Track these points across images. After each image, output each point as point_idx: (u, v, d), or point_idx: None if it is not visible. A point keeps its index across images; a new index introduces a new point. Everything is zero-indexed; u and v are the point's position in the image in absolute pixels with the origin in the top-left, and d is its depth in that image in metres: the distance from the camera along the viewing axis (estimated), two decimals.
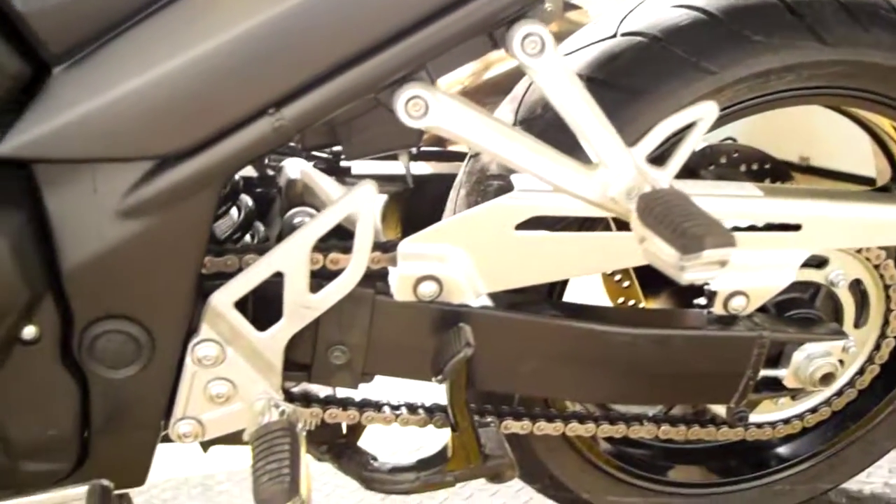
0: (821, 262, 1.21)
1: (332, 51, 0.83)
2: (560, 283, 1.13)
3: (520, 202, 0.98)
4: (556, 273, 1.04)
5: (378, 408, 1.06)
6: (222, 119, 0.83)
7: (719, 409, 1.18)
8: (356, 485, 1.06)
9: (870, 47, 1.07)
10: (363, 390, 1.05)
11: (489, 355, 1.00)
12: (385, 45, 0.83)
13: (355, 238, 0.92)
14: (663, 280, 1.16)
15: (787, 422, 1.26)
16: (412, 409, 1.07)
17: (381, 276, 1.00)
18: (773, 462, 1.35)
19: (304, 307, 0.93)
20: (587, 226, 1.08)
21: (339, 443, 1.09)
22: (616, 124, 0.93)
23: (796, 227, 1.08)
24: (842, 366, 1.13)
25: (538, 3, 0.88)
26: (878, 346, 1.28)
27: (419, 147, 1.42)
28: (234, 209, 1.15)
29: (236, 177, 1.14)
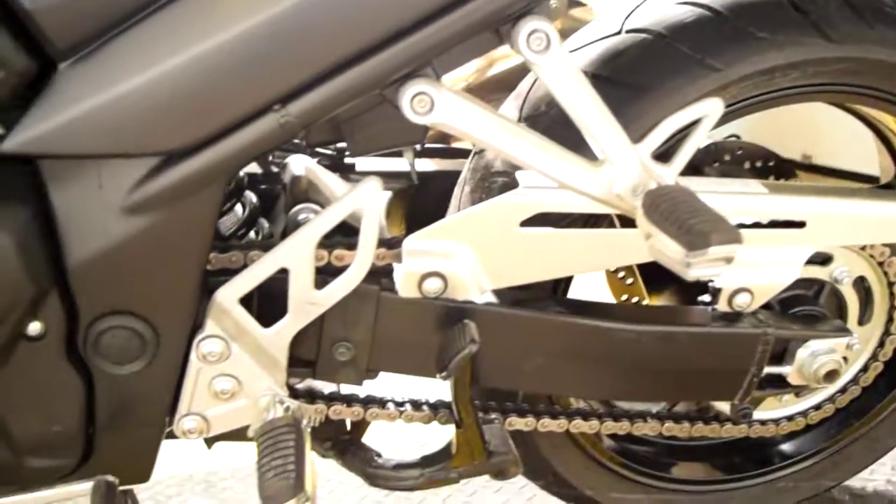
0: (825, 259, 1.21)
1: (338, 47, 0.82)
2: (564, 280, 1.13)
3: (525, 199, 0.98)
4: (561, 270, 1.04)
5: (382, 404, 1.06)
6: (228, 115, 0.83)
7: (723, 405, 1.18)
8: (359, 481, 1.06)
9: (875, 44, 1.07)
10: (367, 387, 1.05)
11: (494, 352, 1.00)
12: (391, 42, 0.83)
13: (360, 234, 0.92)
14: (667, 277, 1.16)
15: (790, 419, 1.27)
16: (416, 405, 1.07)
17: (386, 272, 1.00)
18: (777, 459, 1.35)
19: (309, 303, 0.93)
20: (591, 223, 1.07)
21: (344, 439, 1.09)
22: (621, 121, 0.92)
23: (801, 224, 1.08)
24: (846, 363, 1.13)
25: None
26: (881, 343, 1.29)
27: (423, 144, 1.42)
28: (238, 206, 1.15)
29: (240, 173, 1.14)
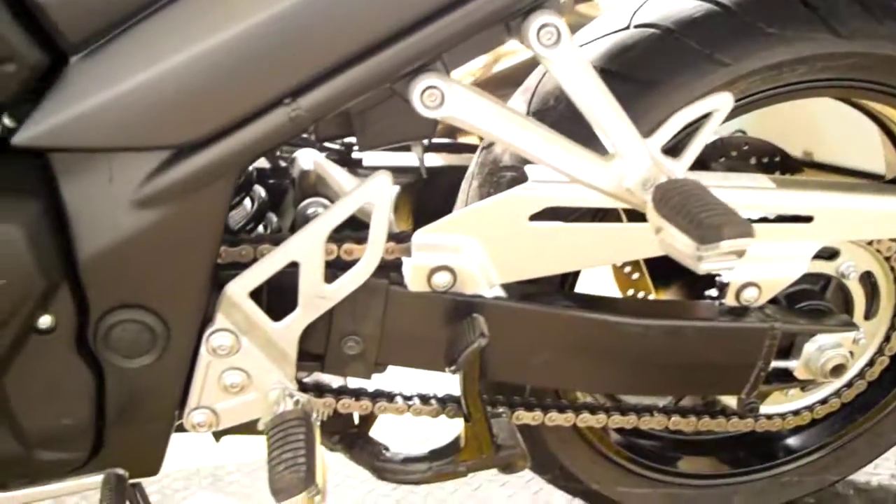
0: (832, 254, 1.21)
1: (349, 40, 0.82)
2: (571, 275, 1.14)
3: (535, 193, 0.98)
4: (570, 264, 1.05)
5: (391, 398, 1.07)
6: (238, 109, 0.83)
7: (730, 400, 1.19)
8: (366, 475, 1.07)
9: (884, 39, 1.07)
10: (375, 380, 1.05)
11: (502, 346, 1.00)
12: (402, 36, 0.83)
13: (370, 228, 0.92)
14: (673, 271, 1.17)
15: (796, 413, 1.27)
16: (424, 399, 1.08)
17: (395, 266, 1.00)
18: (782, 453, 1.36)
19: (319, 297, 0.94)
20: (599, 217, 1.08)
21: (351, 433, 1.09)
22: (629, 116, 0.92)
23: (808, 219, 1.08)
24: (852, 357, 1.13)
25: None
26: (888, 338, 1.29)
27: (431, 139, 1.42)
28: (247, 200, 1.15)
29: (249, 168, 1.14)
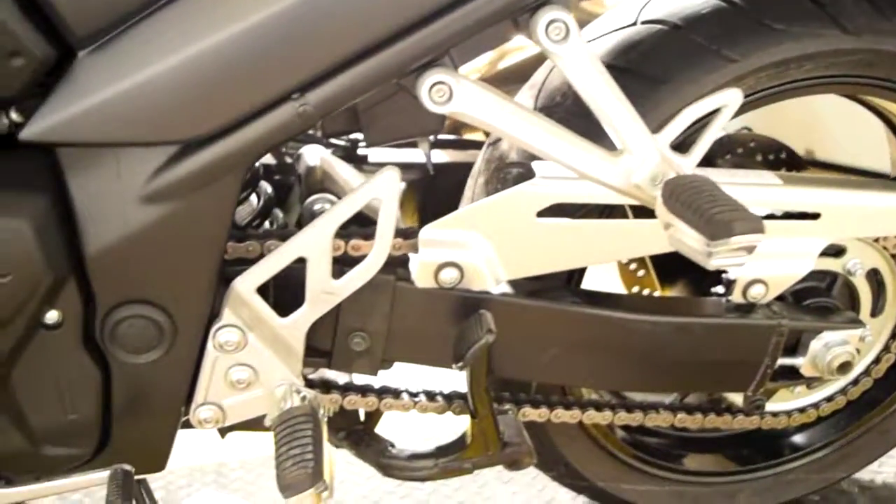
0: (838, 252, 1.21)
1: (357, 36, 0.82)
2: (578, 271, 1.13)
3: (542, 189, 0.98)
4: (577, 260, 1.04)
5: (397, 394, 1.06)
6: (246, 104, 0.83)
7: (735, 397, 1.18)
8: (371, 472, 1.06)
9: (891, 36, 1.07)
10: (381, 377, 1.05)
11: (509, 342, 1.00)
12: (410, 31, 0.83)
13: (378, 224, 0.92)
14: (679, 268, 1.17)
15: (802, 410, 1.27)
16: (430, 395, 1.07)
17: (402, 262, 1.00)
18: (787, 451, 1.36)
19: (326, 293, 0.93)
20: (606, 214, 1.07)
21: (357, 429, 1.09)
22: (636, 112, 0.92)
23: (815, 216, 1.08)
24: (858, 355, 1.13)
25: None
26: (894, 335, 1.29)
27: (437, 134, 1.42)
28: (253, 196, 1.15)
29: (256, 164, 1.14)
